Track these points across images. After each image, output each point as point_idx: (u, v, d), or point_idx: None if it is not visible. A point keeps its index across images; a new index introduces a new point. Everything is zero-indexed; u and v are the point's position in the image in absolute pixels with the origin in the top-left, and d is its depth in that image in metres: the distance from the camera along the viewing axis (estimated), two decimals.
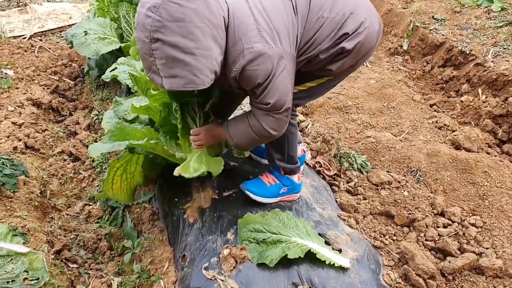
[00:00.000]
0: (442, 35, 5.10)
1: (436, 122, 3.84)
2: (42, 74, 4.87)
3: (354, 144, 3.53)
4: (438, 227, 2.69)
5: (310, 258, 2.10)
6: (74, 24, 5.93)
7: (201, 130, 2.37)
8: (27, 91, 4.33)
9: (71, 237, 2.84)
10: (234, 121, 2.24)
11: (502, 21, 5.00)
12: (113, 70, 3.60)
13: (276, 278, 2.03)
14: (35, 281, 2.12)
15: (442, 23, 5.45)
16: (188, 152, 2.51)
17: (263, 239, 2.18)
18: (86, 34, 4.21)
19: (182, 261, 2.31)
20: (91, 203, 3.20)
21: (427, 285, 2.30)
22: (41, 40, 5.90)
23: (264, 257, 2.09)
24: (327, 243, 2.30)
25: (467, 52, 4.58)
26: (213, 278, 2.06)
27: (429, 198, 2.92)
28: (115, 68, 3.62)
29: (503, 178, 3.01)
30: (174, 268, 2.40)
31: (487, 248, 2.53)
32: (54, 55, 5.41)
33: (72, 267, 2.60)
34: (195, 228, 2.42)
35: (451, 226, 2.69)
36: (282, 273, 2.06)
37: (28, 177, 3.04)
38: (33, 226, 2.60)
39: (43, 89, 4.56)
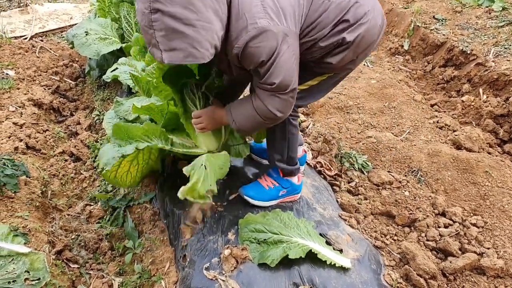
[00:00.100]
0: (443, 35, 5.09)
1: (437, 122, 3.84)
2: (43, 74, 4.87)
3: (355, 144, 3.53)
4: (439, 227, 2.69)
5: (311, 258, 2.10)
6: (75, 24, 5.94)
7: (202, 112, 2.31)
8: (28, 92, 4.33)
9: (72, 237, 2.84)
10: (238, 103, 2.18)
11: (503, 20, 5.00)
12: (114, 70, 3.61)
13: (277, 278, 2.03)
14: (36, 281, 2.13)
15: (443, 23, 5.45)
16: (193, 137, 2.45)
17: (264, 239, 2.18)
18: (87, 35, 4.21)
19: (183, 261, 2.32)
20: (92, 203, 3.20)
21: (428, 285, 2.30)
22: (42, 40, 5.90)
23: (265, 257, 2.09)
24: (328, 243, 2.30)
25: (468, 52, 4.58)
26: (214, 279, 2.06)
27: (430, 198, 2.92)
28: (116, 68, 3.62)
29: (504, 178, 3.01)
30: (175, 268, 2.40)
31: (488, 248, 2.53)
32: (55, 56, 5.41)
33: (73, 267, 2.60)
34: (196, 228, 2.42)
35: (452, 226, 2.69)
36: (283, 273, 2.06)
37: (29, 177, 3.04)
38: (34, 226, 2.60)
39: (44, 89, 4.57)
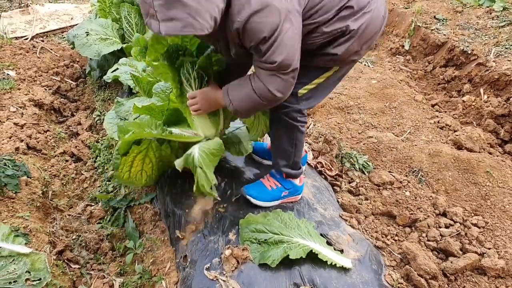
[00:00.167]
0: (444, 35, 5.09)
1: (438, 122, 3.84)
2: (44, 75, 4.88)
3: (355, 144, 3.52)
4: (440, 227, 2.69)
5: (312, 258, 2.10)
6: (76, 25, 5.95)
7: (197, 93, 2.27)
8: (29, 92, 4.34)
9: (73, 237, 2.85)
10: (235, 84, 2.11)
11: (504, 20, 5.00)
12: (114, 70, 3.61)
13: (278, 279, 2.03)
14: (37, 281, 2.13)
15: (443, 23, 5.45)
16: (190, 122, 2.40)
17: (265, 240, 2.18)
18: (87, 35, 4.22)
19: (184, 261, 2.32)
20: (93, 204, 3.21)
21: (429, 285, 2.30)
22: (43, 41, 5.91)
23: (266, 257, 2.09)
24: (329, 244, 2.30)
25: (469, 52, 4.58)
26: (214, 279, 2.06)
27: (431, 198, 2.91)
28: (117, 68, 3.62)
29: (505, 178, 3.01)
30: (176, 268, 2.40)
31: (489, 248, 2.53)
32: (56, 56, 5.42)
33: (74, 268, 2.60)
34: (197, 228, 2.42)
35: (453, 226, 2.69)
36: (284, 273, 2.06)
37: (30, 177, 3.04)
38: (35, 226, 2.60)
39: (45, 90, 4.57)
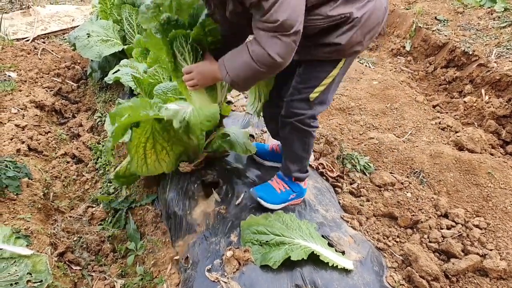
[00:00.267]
0: (445, 36, 5.09)
1: (439, 123, 3.84)
2: (45, 76, 4.88)
3: (357, 145, 3.52)
4: (441, 229, 2.68)
5: (313, 260, 2.10)
6: (77, 26, 5.95)
7: (192, 67, 2.18)
8: (30, 94, 4.34)
9: (74, 239, 2.85)
10: (231, 53, 2.00)
11: (505, 21, 4.99)
12: (115, 72, 3.61)
13: (279, 280, 2.03)
14: (39, 283, 2.12)
15: (444, 24, 5.44)
16: (187, 97, 2.36)
17: (266, 241, 2.17)
18: (89, 37, 4.22)
19: (185, 263, 2.31)
20: (94, 205, 3.21)
21: (431, 287, 2.29)
22: (44, 42, 5.91)
23: (267, 259, 2.08)
24: (330, 245, 2.30)
25: (470, 52, 4.58)
26: (216, 280, 2.06)
27: (432, 199, 2.91)
28: (118, 70, 3.63)
29: (507, 179, 3.00)
30: (177, 270, 2.40)
31: (491, 249, 2.52)
32: (57, 57, 5.43)
33: (75, 269, 2.59)
34: (198, 230, 2.42)
35: (455, 228, 2.68)
36: (285, 275, 2.06)
37: (31, 179, 3.04)
38: (36, 228, 2.60)
39: (46, 91, 4.58)
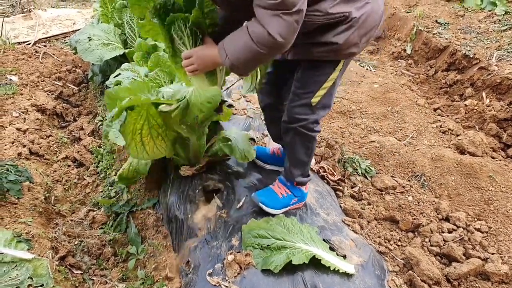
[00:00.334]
0: (446, 39, 5.10)
1: (440, 127, 3.83)
2: (47, 80, 4.89)
3: (358, 148, 3.52)
4: (443, 232, 2.68)
5: (315, 264, 2.09)
6: (78, 30, 5.97)
7: (192, 52, 2.10)
8: (32, 97, 4.35)
9: (75, 243, 2.85)
10: (231, 35, 1.93)
11: (506, 24, 5.00)
12: (117, 76, 3.61)
13: (280, 284, 2.03)
14: (40, 287, 2.13)
15: (445, 27, 5.45)
16: (185, 81, 2.31)
17: (268, 245, 2.17)
18: (90, 40, 4.23)
19: (186, 267, 2.31)
20: (95, 209, 3.21)
21: None
22: (45, 46, 5.93)
23: (268, 263, 2.08)
24: (332, 249, 2.29)
25: (471, 56, 4.58)
26: (217, 285, 2.05)
27: (433, 203, 2.91)
28: (119, 74, 3.62)
29: (508, 183, 3.00)
30: (178, 274, 2.39)
31: (493, 253, 2.52)
32: (58, 61, 5.44)
33: (76, 273, 2.59)
34: (200, 234, 2.42)
35: (456, 231, 2.68)
36: (286, 279, 2.05)
37: (32, 183, 3.04)
38: (37, 232, 2.60)
39: (48, 95, 4.59)
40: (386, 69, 5.36)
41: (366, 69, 5.32)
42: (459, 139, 3.53)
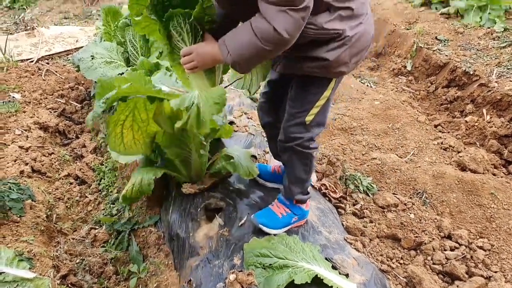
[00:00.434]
0: (446, 56, 5.13)
1: (441, 143, 3.84)
2: (49, 97, 4.92)
3: (359, 165, 3.52)
4: (445, 250, 2.67)
5: (317, 283, 2.08)
6: (81, 47, 6.03)
7: (192, 48, 2.04)
8: (34, 115, 4.37)
9: (77, 261, 2.84)
10: (233, 31, 1.90)
11: (505, 41, 5.04)
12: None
13: None
14: None
15: (445, 44, 5.49)
16: (184, 82, 2.25)
17: (270, 264, 2.16)
18: (93, 58, 4.27)
19: (188, 286, 2.30)
20: (97, 227, 3.20)
21: None
22: (48, 63, 5.98)
23: (270, 282, 2.07)
24: (334, 268, 2.28)
25: (471, 72, 4.61)
26: None
27: (435, 220, 2.90)
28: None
29: (510, 200, 3.00)
30: None
31: (496, 271, 2.51)
32: (61, 78, 5.47)
33: None
34: (201, 253, 2.41)
35: (459, 249, 2.67)
36: None
37: (34, 201, 3.05)
38: (39, 251, 2.60)
39: (50, 112, 4.61)
40: (386, 85, 5.39)
41: (367, 85, 5.35)
42: (460, 156, 3.54)
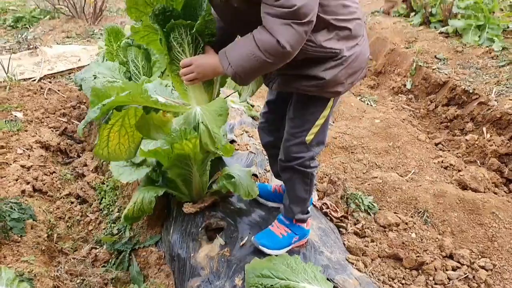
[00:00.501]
0: (445, 74, 5.17)
1: (441, 162, 3.85)
2: (51, 116, 4.94)
3: (360, 184, 3.53)
4: (447, 270, 2.66)
5: None
6: (83, 66, 6.08)
7: (191, 59, 2.04)
8: (36, 134, 4.39)
9: (78, 281, 2.82)
10: (234, 43, 1.92)
11: (504, 60, 5.09)
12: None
13: None
14: None
15: (444, 62, 5.54)
16: (181, 93, 2.24)
17: (271, 285, 2.15)
18: (95, 78, 4.30)
19: None
20: (98, 247, 3.19)
21: None
22: (50, 82, 6.02)
23: None
24: None
25: (471, 91, 4.64)
26: None
27: (437, 240, 2.90)
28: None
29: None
30: None
31: None
32: (63, 97, 5.51)
33: None
34: (203, 273, 2.41)
35: (461, 269, 2.66)
36: None
37: (35, 220, 3.05)
38: (39, 271, 2.59)
39: (52, 131, 4.63)
40: (386, 104, 5.42)
41: (367, 104, 5.38)
42: (461, 175, 3.55)
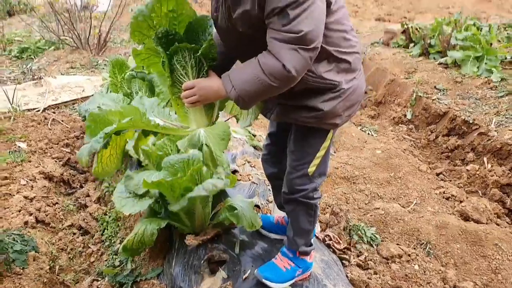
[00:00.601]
0: (445, 105, 5.23)
1: (443, 193, 3.86)
2: (55, 146, 4.98)
3: (363, 215, 3.53)
4: None
5: None
6: (87, 96, 6.15)
7: (194, 82, 2.04)
8: (40, 164, 4.42)
9: None
10: (238, 67, 1.93)
11: (503, 91, 5.15)
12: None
13: None
14: None
15: (444, 93, 5.61)
16: (181, 116, 2.26)
17: None
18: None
19: None
20: (99, 279, 3.17)
21: None
22: (54, 112, 6.07)
23: None
24: None
25: (471, 121, 4.69)
26: None
27: (440, 272, 2.88)
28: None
29: None
30: None
31: None
32: (67, 127, 5.56)
33: None
34: None
35: None
36: None
37: (38, 252, 3.04)
38: None
39: (55, 162, 4.65)
40: (387, 134, 5.46)
41: (368, 133, 5.42)
42: (463, 206, 3.55)
